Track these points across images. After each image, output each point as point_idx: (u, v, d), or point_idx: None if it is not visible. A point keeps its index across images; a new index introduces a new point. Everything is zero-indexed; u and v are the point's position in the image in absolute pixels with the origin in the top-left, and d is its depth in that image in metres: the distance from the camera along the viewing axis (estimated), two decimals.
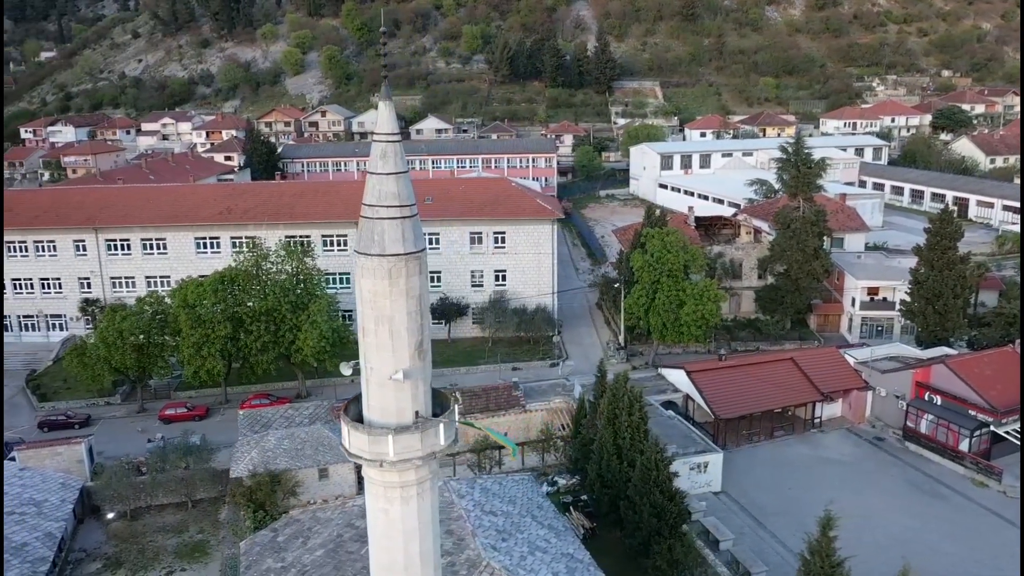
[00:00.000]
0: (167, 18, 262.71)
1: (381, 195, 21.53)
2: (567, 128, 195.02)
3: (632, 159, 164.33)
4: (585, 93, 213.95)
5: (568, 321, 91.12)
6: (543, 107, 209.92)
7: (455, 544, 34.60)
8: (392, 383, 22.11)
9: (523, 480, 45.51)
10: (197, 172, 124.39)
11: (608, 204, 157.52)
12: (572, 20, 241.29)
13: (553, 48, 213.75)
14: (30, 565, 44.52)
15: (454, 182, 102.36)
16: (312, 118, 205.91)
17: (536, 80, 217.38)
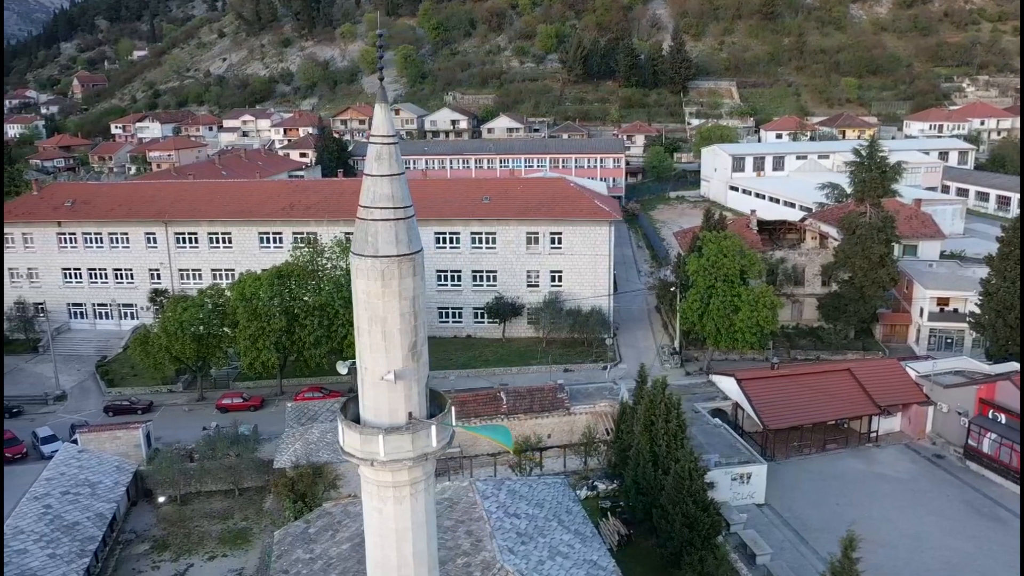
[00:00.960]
0: (251, 18, 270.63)
1: (375, 196, 21.61)
2: (639, 128, 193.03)
3: (703, 160, 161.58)
4: (659, 93, 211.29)
5: (626, 324, 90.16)
6: (616, 107, 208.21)
7: (473, 545, 34.57)
8: (385, 383, 22.16)
9: (555, 483, 45.19)
10: (269, 168, 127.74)
11: (677, 206, 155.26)
12: (648, 19, 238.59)
13: (627, 47, 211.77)
14: (79, 544, 46.39)
15: (512, 182, 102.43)
16: None
17: (610, 80, 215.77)
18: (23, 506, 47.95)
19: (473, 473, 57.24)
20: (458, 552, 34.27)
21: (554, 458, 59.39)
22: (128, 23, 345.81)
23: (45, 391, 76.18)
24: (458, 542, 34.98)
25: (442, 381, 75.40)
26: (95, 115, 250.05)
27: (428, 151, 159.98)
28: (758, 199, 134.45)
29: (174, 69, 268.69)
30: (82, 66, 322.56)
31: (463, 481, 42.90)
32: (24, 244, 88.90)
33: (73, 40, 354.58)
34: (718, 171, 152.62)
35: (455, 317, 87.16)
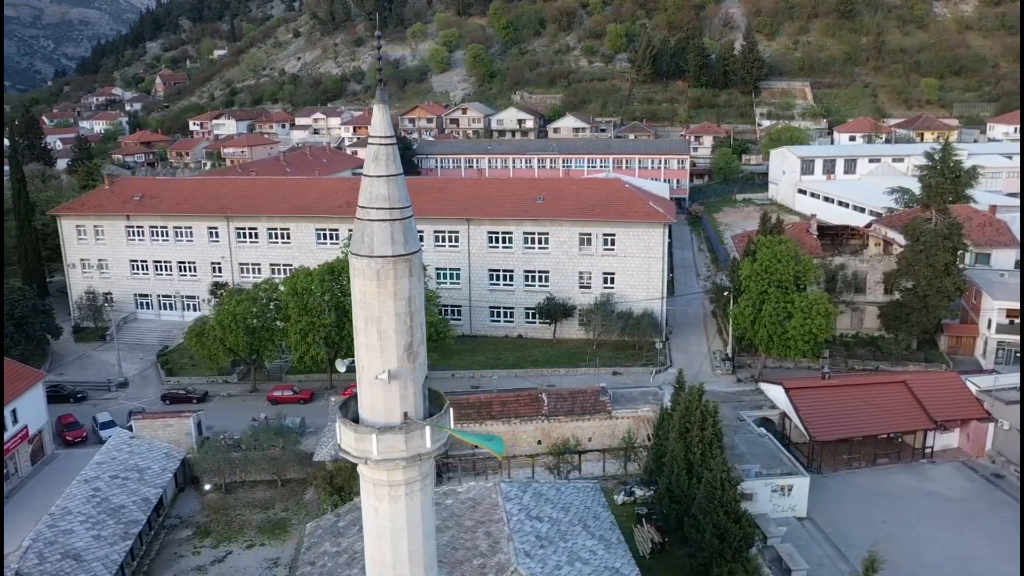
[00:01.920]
0: (325, 18, 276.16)
1: (372, 197, 21.67)
2: (708, 129, 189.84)
3: (771, 162, 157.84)
4: (729, 93, 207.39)
5: (680, 328, 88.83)
6: (684, 107, 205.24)
7: (490, 547, 34.45)
8: (380, 383, 22.21)
9: (585, 487, 44.74)
10: (332, 166, 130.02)
11: (743, 208, 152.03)
12: (720, 18, 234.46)
13: (698, 47, 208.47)
14: (124, 526, 48.00)
15: (566, 182, 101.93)
16: (453, 115, 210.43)
17: (679, 79, 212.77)
18: (73, 488, 49.84)
19: (511, 473, 57.19)
20: (475, 553, 34.21)
21: (594, 461, 58.90)
22: (210, 23, 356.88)
23: (109, 378, 79.09)
24: (476, 543, 34.93)
25: (484, 381, 75.64)
26: (175, 112, 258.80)
27: (491, 150, 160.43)
28: (826, 203, 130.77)
29: (251, 68, 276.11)
30: (166, 65, 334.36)
31: (488, 482, 42.83)
32: (95, 236, 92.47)
33: (158, 40, 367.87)
34: (786, 174, 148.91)
35: (507, 317, 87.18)
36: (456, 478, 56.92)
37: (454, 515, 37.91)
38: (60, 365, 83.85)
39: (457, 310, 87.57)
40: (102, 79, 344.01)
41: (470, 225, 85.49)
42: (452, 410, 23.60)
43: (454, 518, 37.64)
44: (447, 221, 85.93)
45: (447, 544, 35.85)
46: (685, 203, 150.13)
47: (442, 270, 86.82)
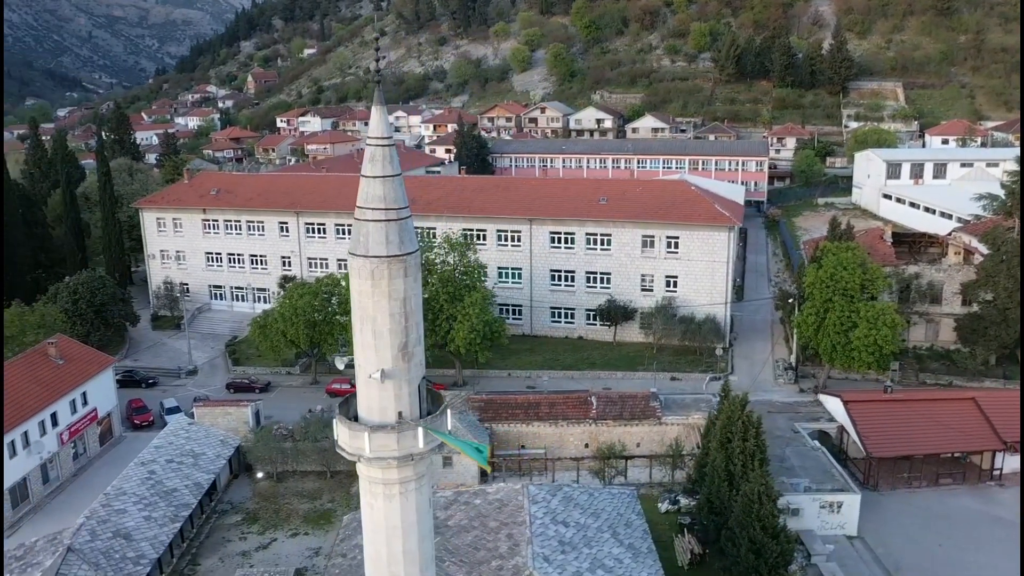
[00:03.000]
0: (411, 17, 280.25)
1: (368, 197, 21.84)
2: (791, 131, 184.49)
3: (856, 165, 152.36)
4: (816, 94, 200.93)
5: (745, 334, 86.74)
6: (768, 108, 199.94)
7: (510, 549, 34.31)
8: (375, 382, 22.34)
9: (621, 493, 44.09)
10: (406, 164, 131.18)
11: (824, 213, 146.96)
12: (809, 16, 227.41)
13: (784, 46, 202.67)
14: (174, 509, 49.79)
15: (631, 183, 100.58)
16: (532, 114, 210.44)
17: (763, 79, 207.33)
18: (129, 470, 51.96)
19: (555, 476, 56.88)
20: (495, 554, 34.13)
21: (641, 468, 58.06)
22: (301, 23, 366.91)
23: (179, 365, 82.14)
24: (497, 544, 34.84)
25: (539, 381, 75.35)
26: (264, 109, 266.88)
27: (566, 150, 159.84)
28: (912, 208, 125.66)
29: (337, 66, 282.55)
30: (258, 63, 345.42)
31: (516, 484, 42.66)
32: (174, 228, 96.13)
33: (252, 39, 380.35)
34: (871, 177, 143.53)
35: (567, 318, 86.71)
36: (500, 478, 56.96)
37: (480, 515, 37.92)
38: (136, 351, 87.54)
39: (518, 310, 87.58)
40: (199, 77, 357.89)
41: (532, 225, 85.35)
42: (449, 411, 23.60)
43: (480, 518, 37.65)
44: (509, 220, 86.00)
45: (470, 544, 35.89)
46: (763, 206, 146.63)
47: (504, 269, 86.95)
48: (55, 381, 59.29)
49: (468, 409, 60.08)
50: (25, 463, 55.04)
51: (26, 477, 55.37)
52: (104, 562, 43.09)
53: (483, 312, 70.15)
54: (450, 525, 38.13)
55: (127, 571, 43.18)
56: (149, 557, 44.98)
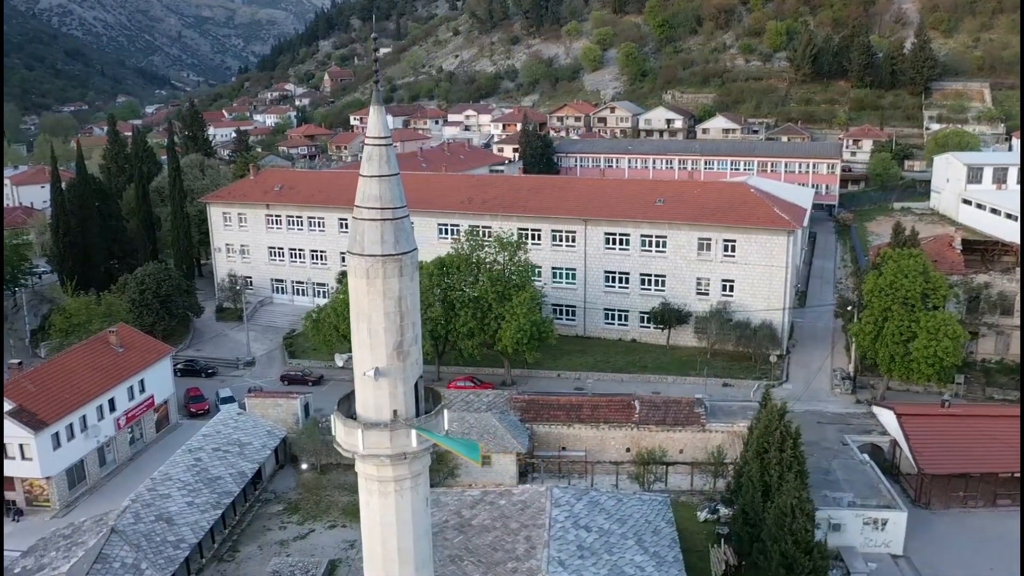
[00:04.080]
0: (484, 16, 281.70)
1: (364, 196, 22.01)
2: (868, 132, 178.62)
3: (935, 169, 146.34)
4: (896, 95, 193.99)
5: (805, 341, 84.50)
6: (845, 109, 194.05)
7: (526, 552, 34.12)
8: (369, 379, 22.49)
9: (651, 500, 43.40)
10: (468, 162, 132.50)
11: (899, 218, 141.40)
12: (892, 14, 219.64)
13: (864, 44, 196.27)
14: (217, 496, 51.18)
15: (689, 184, 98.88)
16: (601, 114, 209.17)
17: (841, 79, 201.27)
18: (177, 456, 53.63)
19: (594, 480, 56.39)
20: (512, 556, 34.01)
21: (683, 475, 57.09)
22: (378, 22, 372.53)
23: (238, 356, 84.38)
24: (516, 546, 34.70)
25: (588, 383, 74.75)
26: (339, 107, 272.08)
27: (632, 150, 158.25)
28: (993, 215, 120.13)
29: (411, 65, 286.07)
30: (335, 62, 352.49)
31: (541, 485, 42.40)
32: (239, 223, 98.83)
33: (330, 38, 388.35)
34: (951, 182, 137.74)
35: (621, 320, 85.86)
36: (540, 479, 56.79)
37: (503, 516, 37.83)
38: (200, 342, 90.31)
39: (571, 311, 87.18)
40: (278, 76, 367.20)
41: (587, 225, 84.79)
42: (446, 412, 23.59)
43: (503, 519, 37.56)
44: (564, 221, 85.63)
45: (489, 544, 35.85)
46: (834, 210, 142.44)
47: (558, 269, 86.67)
48: (114, 368, 61.63)
49: (510, 409, 60.08)
50: (83, 446, 57.38)
51: (83, 459, 57.73)
52: (145, 544, 44.56)
53: (531, 312, 70.00)
54: (473, 524, 38.17)
55: (166, 554, 44.56)
56: (188, 541, 46.35)
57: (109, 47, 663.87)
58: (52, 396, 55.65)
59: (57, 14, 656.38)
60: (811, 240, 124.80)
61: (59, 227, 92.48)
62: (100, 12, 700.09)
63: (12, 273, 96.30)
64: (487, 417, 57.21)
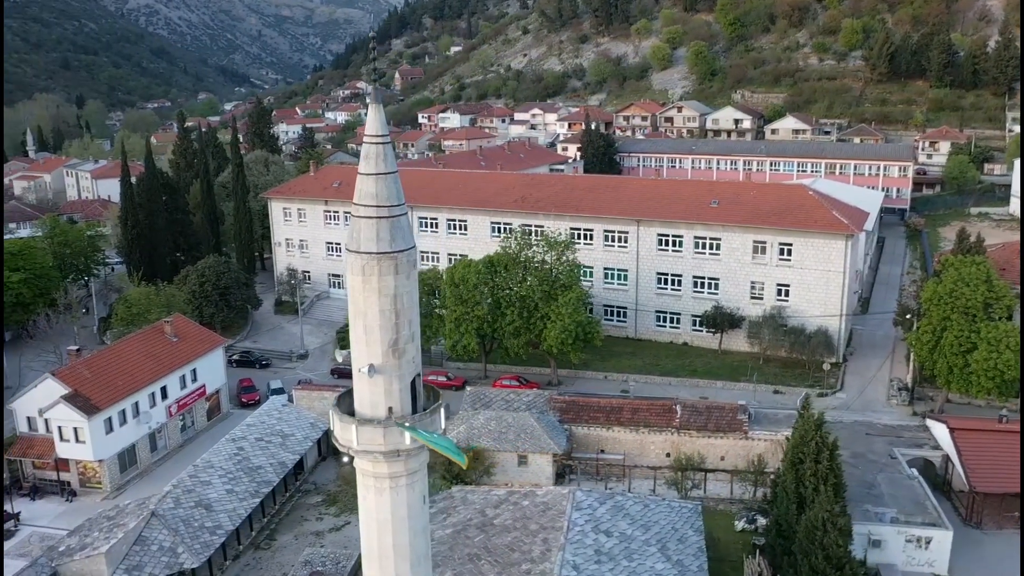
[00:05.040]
0: (553, 15, 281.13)
1: (362, 195, 22.15)
2: (946, 134, 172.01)
3: (1015, 173, 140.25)
4: (978, 95, 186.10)
5: (864, 349, 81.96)
6: (922, 109, 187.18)
7: (542, 554, 33.91)
8: (364, 375, 22.64)
9: (681, 507, 42.62)
10: (528, 161, 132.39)
11: (976, 224, 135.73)
12: (975, 11, 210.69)
13: (944, 43, 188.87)
14: (256, 485, 52.35)
15: (746, 186, 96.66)
16: (668, 113, 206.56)
17: (919, 79, 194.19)
18: (220, 445, 55.08)
19: (632, 484, 55.76)
20: (527, 558, 33.85)
21: (723, 482, 55.97)
22: (450, 21, 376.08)
23: (292, 349, 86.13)
24: (532, 548, 34.53)
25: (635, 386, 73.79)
26: (407, 105, 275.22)
27: (695, 150, 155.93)
28: None
29: (480, 64, 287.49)
30: (407, 61, 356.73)
31: (564, 488, 42.05)
32: (298, 218, 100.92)
33: (403, 37, 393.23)
34: None
35: (672, 323, 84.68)
36: (577, 481, 56.44)
37: (524, 517, 37.69)
38: (257, 333, 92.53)
39: (623, 312, 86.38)
40: (351, 74, 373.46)
41: (640, 226, 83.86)
42: (443, 411, 23.58)
43: (523, 520, 37.42)
44: (617, 221, 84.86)
45: (508, 544, 35.77)
46: (905, 215, 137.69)
47: (610, 270, 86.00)
48: (167, 357, 63.60)
49: (549, 409, 59.84)
50: (134, 431, 59.40)
51: (135, 444, 59.75)
52: (183, 529, 45.87)
53: (576, 313, 69.55)
54: (495, 524, 38.14)
55: (203, 539, 45.78)
56: (225, 528, 47.52)
57: (192, 46, 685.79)
58: (106, 382, 57.76)
59: (144, 14, 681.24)
60: (879, 245, 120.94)
61: (128, 220, 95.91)
62: (185, 12, 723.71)
63: (85, 263, 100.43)
64: (525, 417, 57.10)
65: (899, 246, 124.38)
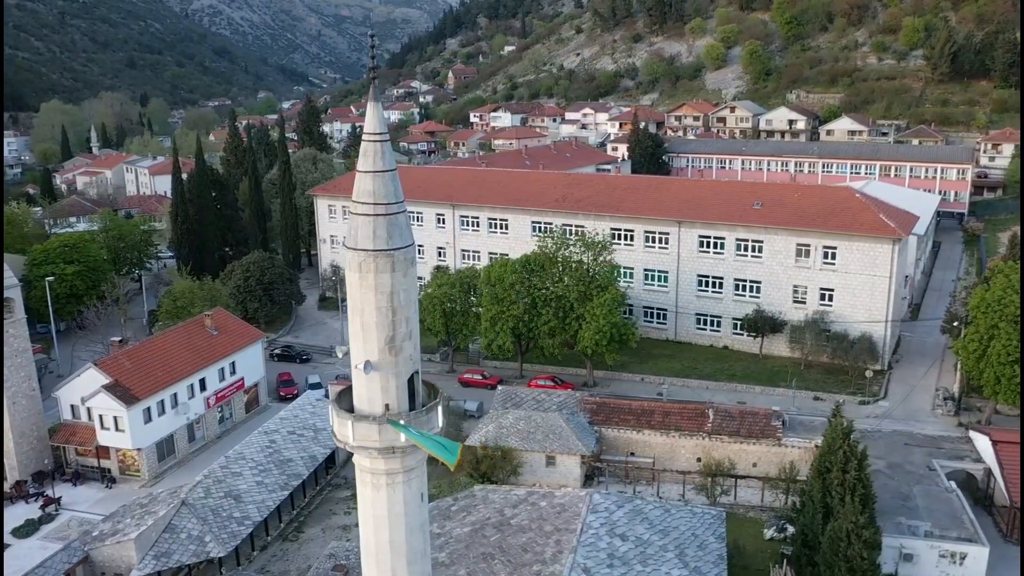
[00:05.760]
0: (606, 14, 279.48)
1: (359, 192, 22.27)
2: (1010, 136, 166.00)
3: None
4: None
5: (911, 357, 79.86)
6: (986, 110, 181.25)
7: (553, 556, 33.73)
8: (360, 371, 22.78)
9: (704, 513, 41.98)
10: (574, 161, 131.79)
11: None
12: None
13: (1010, 41, 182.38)
14: (286, 478, 53.16)
15: (790, 188, 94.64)
16: (720, 113, 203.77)
17: (983, 79, 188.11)
18: (253, 437, 56.05)
19: (660, 489, 55.17)
20: (539, 559, 33.71)
21: (754, 489, 55.00)
22: (504, 20, 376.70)
23: (332, 344, 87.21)
24: (545, 549, 34.37)
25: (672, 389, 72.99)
26: (460, 104, 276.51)
27: (746, 151, 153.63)
28: None
29: (532, 63, 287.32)
30: (461, 60, 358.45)
31: (582, 490, 41.71)
32: (343, 215, 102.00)
33: (458, 36, 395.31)
34: None
35: (713, 326, 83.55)
36: (605, 483, 56.08)
37: (541, 518, 37.53)
38: (299, 329, 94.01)
39: (663, 314, 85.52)
40: (406, 73, 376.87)
41: (681, 227, 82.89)
42: (440, 409, 23.59)
43: (539, 521, 37.27)
44: (657, 222, 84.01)
45: (522, 545, 35.67)
46: (963, 219, 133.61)
47: (650, 271, 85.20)
48: (207, 350, 64.96)
49: (580, 410, 59.52)
50: (172, 421, 60.81)
51: (173, 434, 61.18)
52: (212, 518, 46.81)
53: (611, 314, 69.04)
54: (512, 524, 38.05)
55: (230, 529, 46.65)
56: (253, 519, 48.35)
57: (254, 46, 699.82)
58: (146, 373, 59.23)
59: (208, 14, 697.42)
60: (934, 250, 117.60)
61: (178, 215, 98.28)
62: (247, 12, 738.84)
63: (139, 257, 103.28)
64: (554, 417, 56.88)
65: (955, 251, 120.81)
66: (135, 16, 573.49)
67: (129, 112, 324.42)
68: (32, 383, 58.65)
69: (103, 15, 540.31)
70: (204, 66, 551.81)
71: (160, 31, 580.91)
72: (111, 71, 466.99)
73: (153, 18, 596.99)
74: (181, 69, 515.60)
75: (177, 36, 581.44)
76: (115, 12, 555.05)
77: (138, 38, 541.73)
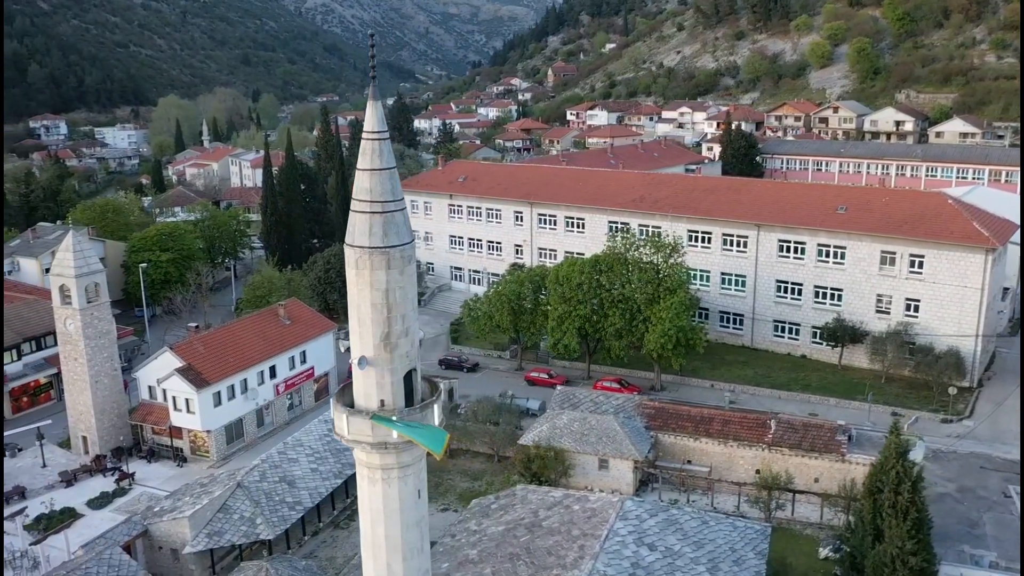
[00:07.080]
0: (709, 11, 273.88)
1: (358, 189, 22.59)
2: None
3: None
4: None
5: (1006, 375, 75.29)
6: None
7: (574, 561, 33.40)
8: (356, 367, 23.15)
9: (746, 527, 40.68)
10: (661, 161, 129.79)
11: None
12: None
13: None
14: (340, 466, 54.36)
15: (878, 192, 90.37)
16: (823, 113, 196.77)
17: None
18: (313, 424, 57.59)
19: (715, 500, 53.87)
20: (561, 563, 33.46)
21: (814, 505, 52.97)
22: (607, 18, 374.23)
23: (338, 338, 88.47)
24: (568, 553, 34.08)
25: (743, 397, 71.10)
26: (558, 102, 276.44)
27: (844, 153, 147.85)
28: None
29: (632, 61, 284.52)
30: (562, 58, 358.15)
31: (614, 496, 41.00)
32: (424, 211, 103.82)
33: (559, 34, 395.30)
34: None
35: (791, 333, 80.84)
36: (659, 490, 55.14)
37: (571, 522, 37.21)
38: None
39: (739, 319, 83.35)
40: (507, 70, 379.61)
41: (760, 231, 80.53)
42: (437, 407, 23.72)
43: (568, 524, 36.96)
44: (736, 224, 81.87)
45: (548, 548, 35.49)
46: None
47: (727, 276, 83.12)
48: (278, 338, 67.20)
49: (637, 414, 58.66)
50: (242, 406, 63.21)
51: (242, 418, 63.58)
52: (264, 501, 48.43)
53: (677, 317, 67.73)
54: (543, 526, 37.87)
55: (281, 513, 48.16)
56: (305, 505, 49.75)
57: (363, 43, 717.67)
58: (219, 358, 61.78)
59: (321, 12, 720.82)
60: None
61: (267, 207, 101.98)
62: (358, 10, 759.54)
63: (232, 246, 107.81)
64: (609, 420, 56.25)
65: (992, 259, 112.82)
66: (252, 15, 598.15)
67: (240, 107, 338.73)
68: (114, 363, 62.06)
69: (222, 14, 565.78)
70: (315, 63, 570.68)
71: (275, 29, 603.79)
72: (227, 67, 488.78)
73: (268, 16, 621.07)
74: (292, 66, 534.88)
75: (291, 34, 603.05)
76: (233, 11, 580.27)
77: (253, 36, 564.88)
